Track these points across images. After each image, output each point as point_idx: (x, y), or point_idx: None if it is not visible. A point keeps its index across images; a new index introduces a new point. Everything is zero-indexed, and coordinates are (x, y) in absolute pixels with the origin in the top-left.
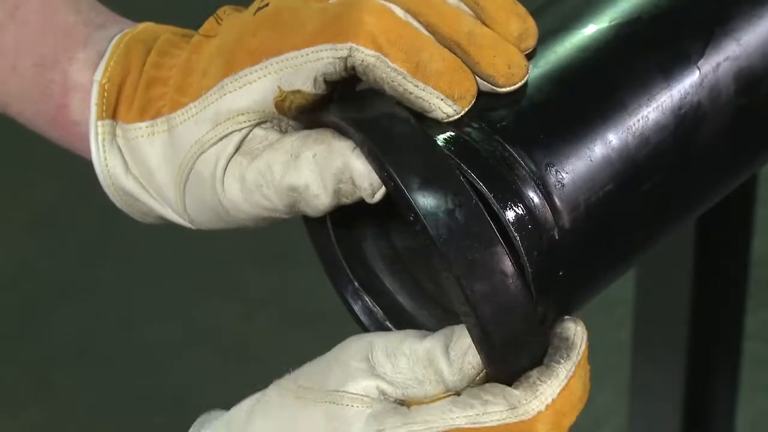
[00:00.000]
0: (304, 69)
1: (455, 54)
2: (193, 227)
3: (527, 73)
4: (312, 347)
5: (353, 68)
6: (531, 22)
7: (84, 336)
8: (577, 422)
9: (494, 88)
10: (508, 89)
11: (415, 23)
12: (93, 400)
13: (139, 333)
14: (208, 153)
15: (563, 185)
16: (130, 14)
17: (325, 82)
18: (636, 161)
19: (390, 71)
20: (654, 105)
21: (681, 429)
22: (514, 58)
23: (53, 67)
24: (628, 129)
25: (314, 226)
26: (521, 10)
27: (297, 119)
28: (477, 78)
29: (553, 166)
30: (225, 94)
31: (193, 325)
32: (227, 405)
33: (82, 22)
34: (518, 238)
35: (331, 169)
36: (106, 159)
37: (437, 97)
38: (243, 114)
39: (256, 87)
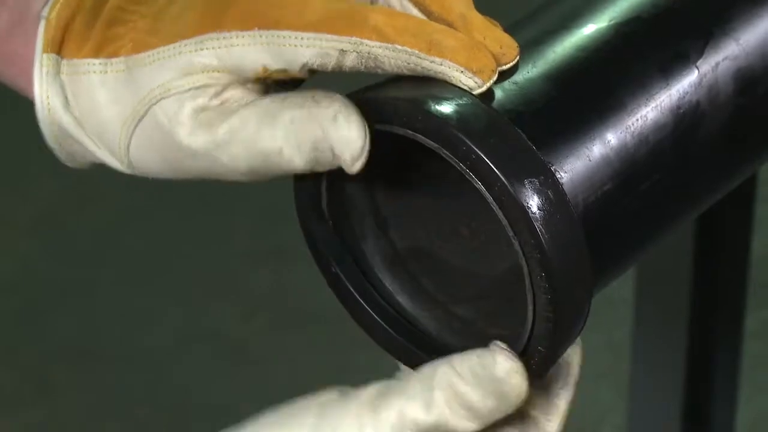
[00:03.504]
0: (296, 51)
1: None
2: (127, 172)
3: (518, 52)
4: (312, 347)
5: (353, 66)
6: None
7: (84, 337)
8: (577, 422)
9: None
10: (502, 68)
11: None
12: (93, 401)
13: (138, 333)
14: (172, 98)
15: (561, 185)
16: None
17: (311, 70)
18: (635, 161)
19: (402, 54)
20: (653, 104)
21: (681, 429)
22: (504, 40)
23: None
24: (626, 128)
25: (311, 220)
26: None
27: (269, 91)
28: None
29: (552, 165)
30: (204, 49)
31: (193, 326)
32: (227, 405)
33: None
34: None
35: (308, 136)
36: (47, 92)
37: (457, 70)
38: (219, 72)
39: (240, 52)
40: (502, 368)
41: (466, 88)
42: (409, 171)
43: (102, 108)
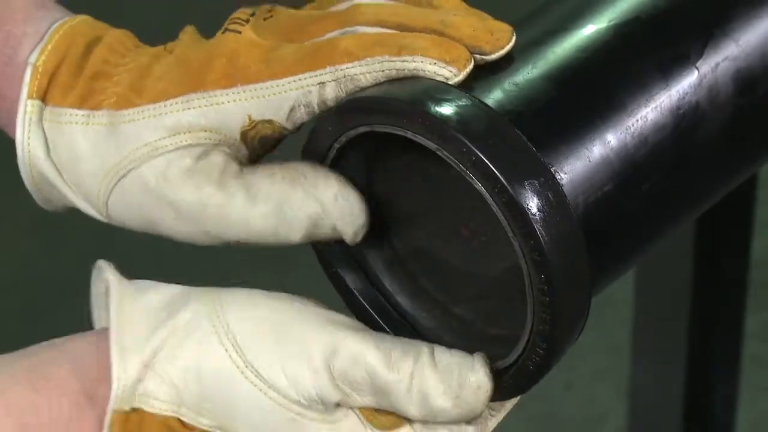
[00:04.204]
0: (281, 98)
1: None
2: (105, 221)
3: (513, 35)
4: None
5: (335, 97)
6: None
7: None
8: (577, 422)
9: (484, 57)
10: (498, 54)
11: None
12: None
13: None
14: (160, 159)
15: (562, 185)
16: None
17: (297, 117)
18: (635, 161)
19: (375, 64)
20: (653, 105)
21: (681, 429)
22: (495, 26)
23: None
24: (626, 129)
25: None
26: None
27: (254, 152)
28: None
29: (552, 166)
30: (190, 108)
31: None
32: None
33: None
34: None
35: (304, 215)
36: (29, 138)
37: (430, 63)
38: (205, 131)
39: (225, 110)
40: (475, 379)
41: (442, 78)
42: (409, 172)
43: (82, 158)
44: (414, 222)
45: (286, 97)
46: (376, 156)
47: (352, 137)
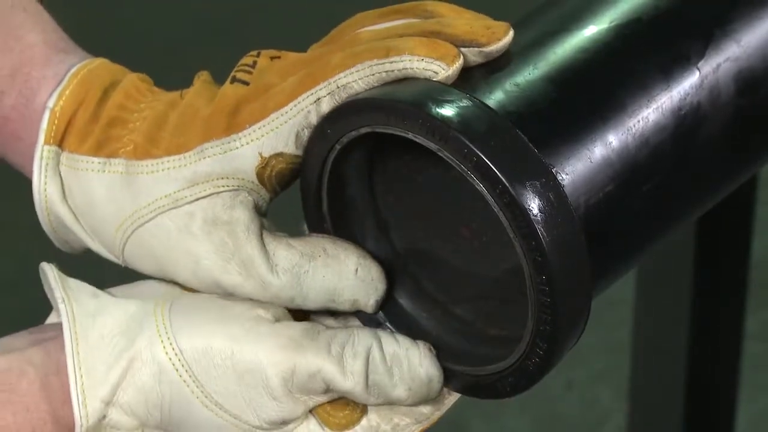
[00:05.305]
0: (286, 127)
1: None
2: (121, 264)
3: (510, 30)
4: None
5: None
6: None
7: None
8: (577, 422)
9: (481, 49)
10: (494, 47)
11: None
12: None
13: None
14: (181, 210)
15: (563, 186)
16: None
17: (304, 140)
18: (636, 162)
19: (365, 69)
20: (654, 106)
21: (681, 429)
22: (491, 22)
23: (7, 80)
24: (627, 130)
25: (314, 223)
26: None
27: (273, 190)
28: (464, 49)
29: (553, 167)
30: (206, 158)
31: None
32: None
33: (43, 41)
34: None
35: (323, 287)
36: (45, 182)
37: (417, 60)
38: (222, 179)
39: (238, 154)
40: (424, 373)
41: (431, 74)
42: (410, 172)
43: (98, 205)
44: (414, 222)
45: (292, 123)
46: (376, 156)
47: (353, 138)
